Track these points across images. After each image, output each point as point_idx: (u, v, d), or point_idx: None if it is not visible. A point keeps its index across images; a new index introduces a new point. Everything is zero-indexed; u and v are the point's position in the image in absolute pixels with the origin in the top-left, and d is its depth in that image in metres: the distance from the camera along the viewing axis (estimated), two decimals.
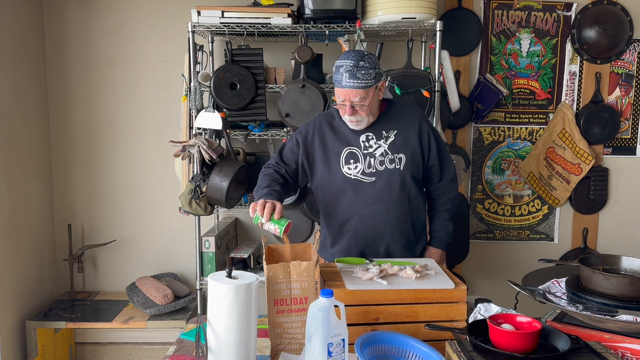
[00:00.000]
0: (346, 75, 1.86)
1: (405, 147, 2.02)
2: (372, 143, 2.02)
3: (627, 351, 1.38)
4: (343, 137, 2.03)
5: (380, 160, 2.01)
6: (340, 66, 1.88)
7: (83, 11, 3.02)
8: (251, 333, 1.39)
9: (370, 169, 2.01)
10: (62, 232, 3.14)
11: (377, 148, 2.01)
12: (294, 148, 2.07)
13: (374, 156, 2.01)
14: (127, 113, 3.09)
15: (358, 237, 2.04)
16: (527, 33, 3.09)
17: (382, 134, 2.02)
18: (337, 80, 1.90)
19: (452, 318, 1.50)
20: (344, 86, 1.87)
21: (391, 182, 2.01)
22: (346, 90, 1.88)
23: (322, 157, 2.04)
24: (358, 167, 2.00)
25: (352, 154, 2.01)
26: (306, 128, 2.09)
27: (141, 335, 3.16)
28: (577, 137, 3.09)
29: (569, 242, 3.25)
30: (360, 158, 2.01)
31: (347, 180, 2.01)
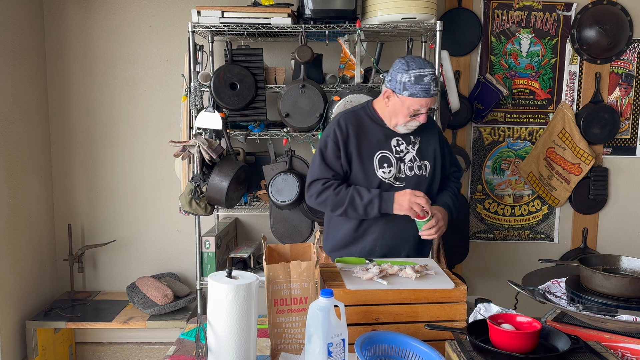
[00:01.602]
0: (433, 84, 1.88)
1: (428, 154, 2.07)
2: (403, 148, 2.04)
3: (627, 351, 1.39)
4: (375, 140, 2.03)
5: (410, 166, 2.03)
6: (423, 75, 1.87)
7: (83, 11, 3.02)
8: (251, 333, 1.39)
9: (401, 174, 2.02)
10: (62, 232, 3.14)
11: (406, 153, 2.03)
12: (336, 152, 2.02)
13: (404, 161, 2.03)
14: (127, 113, 3.09)
15: (384, 239, 2.04)
16: (527, 33, 3.09)
17: (410, 138, 2.05)
18: (421, 90, 1.87)
19: (452, 318, 1.50)
20: (431, 95, 1.89)
21: (418, 188, 2.02)
22: (431, 98, 1.89)
23: (358, 158, 2.02)
24: (392, 171, 2.01)
25: (385, 157, 2.02)
26: (337, 131, 2.03)
27: (141, 335, 3.16)
28: (577, 137, 3.09)
29: (569, 242, 3.25)
30: (393, 162, 2.02)
31: (381, 184, 2.01)
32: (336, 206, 2.00)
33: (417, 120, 1.96)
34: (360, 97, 2.49)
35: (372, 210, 1.96)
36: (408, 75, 1.88)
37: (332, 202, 2.00)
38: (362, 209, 1.97)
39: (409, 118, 1.95)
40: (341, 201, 1.98)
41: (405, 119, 1.96)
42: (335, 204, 2.00)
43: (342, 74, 2.68)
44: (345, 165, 2.03)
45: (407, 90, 1.89)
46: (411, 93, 1.89)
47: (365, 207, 1.96)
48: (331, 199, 2.00)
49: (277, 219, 2.75)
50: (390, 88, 1.95)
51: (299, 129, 2.61)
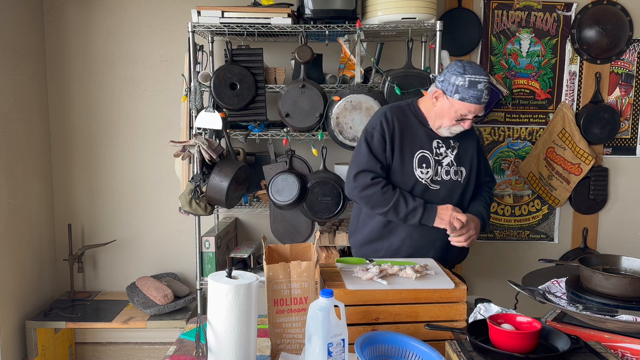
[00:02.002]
0: (486, 92, 1.88)
1: (465, 160, 2.07)
2: (442, 151, 2.03)
3: (627, 351, 1.39)
4: (417, 139, 2.02)
5: (447, 170, 2.03)
6: (478, 82, 1.86)
7: (83, 11, 3.02)
8: (251, 333, 1.39)
9: (437, 177, 2.02)
10: (62, 232, 3.14)
11: (445, 157, 2.03)
12: (382, 144, 2.01)
13: (442, 164, 2.03)
14: (127, 113, 3.09)
15: (412, 239, 2.04)
16: (527, 33, 3.09)
17: (450, 142, 2.05)
18: (472, 96, 1.87)
19: (452, 318, 1.50)
20: (482, 102, 1.89)
21: (452, 193, 2.03)
22: (480, 106, 1.89)
23: (399, 154, 2.01)
24: (429, 173, 2.01)
25: (424, 157, 2.01)
26: (386, 122, 2.01)
27: (141, 335, 3.16)
28: (577, 137, 3.09)
29: (569, 242, 3.25)
30: (432, 164, 2.01)
31: (418, 184, 2.01)
32: (378, 205, 1.99)
33: (462, 125, 1.95)
34: (360, 97, 2.49)
35: (413, 219, 1.97)
36: (463, 79, 1.87)
37: (376, 200, 1.98)
38: (403, 214, 1.97)
39: (454, 122, 1.94)
40: (386, 202, 1.97)
41: (451, 122, 1.95)
42: (378, 203, 1.99)
43: (342, 74, 2.68)
44: (389, 159, 2.01)
45: (458, 94, 1.88)
46: (462, 97, 1.88)
47: (407, 215, 1.96)
48: (376, 197, 1.98)
49: (277, 219, 2.75)
50: (441, 89, 1.93)
51: (299, 129, 2.61)
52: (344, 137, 2.54)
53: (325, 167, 2.64)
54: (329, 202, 2.57)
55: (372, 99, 2.49)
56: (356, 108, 2.50)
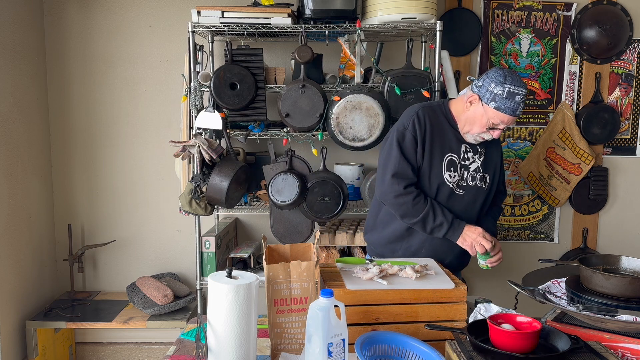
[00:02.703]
0: (522, 105, 1.86)
1: (490, 167, 2.06)
2: (469, 156, 2.02)
3: (627, 351, 1.39)
4: (447, 141, 2.00)
5: (472, 176, 2.02)
6: (517, 94, 1.84)
7: (83, 11, 3.02)
8: (251, 333, 1.39)
9: (463, 182, 2.01)
10: (62, 232, 3.14)
11: (472, 162, 2.02)
12: (413, 146, 1.98)
13: (468, 170, 2.02)
14: (127, 113, 3.09)
15: (432, 243, 2.02)
16: (527, 33, 3.09)
17: (477, 148, 2.03)
18: (509, 107, 1.84)
19: (452, 318, 1.50)
20: (517, 114, 1.87)
21: (476, 199, 2.03)
22: (514, 118, 1.88)
23: (429, 156, 1.99)
24: (456, 177, 1.99)
25: (452, 161, 1.99)
26: (418, 122, 1.98)
27: (141, 335, 3.16)
28: (577, 137, 3.09)
29: (569, 242, 3.25)
30: (458, 168, 2.00)
31: (444, 187, 1.99)
32: (408, 215, 1.97)
33: (491, 134, 1.94)
34: (360, 97, 2.49)
35: (438, 233, 1.96)
36: (502, 88, 1.84)
37: (406, 209, 1.97)
38: (430, 228, 1.96)
39: (484, 130, 1.93)
40: (416, 213, 1.95)
41: (481, 129, 1.93)
42: (408, 213, 1.97)
43: (342, 74, 2.68)
44: (420, 160, 1.99)
45: (495, 102, 1.85)
46: (498, 106, 1.85)
47: (433, 228, 1.96)
48: (406, 207, 1.96)
49: (277, 219, 2.75)
50: (478, 94, 1.90)
51: (299, 129, 2.61)
52: (344, 137, 2.54)
53: (325, 167, 2.64)
54: (329, 202, 2.57)
55: (372, 99, 2.49)
56: (356, 108, 2.50)
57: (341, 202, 2.58)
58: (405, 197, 1.95)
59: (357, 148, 2.56)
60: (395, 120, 2.58)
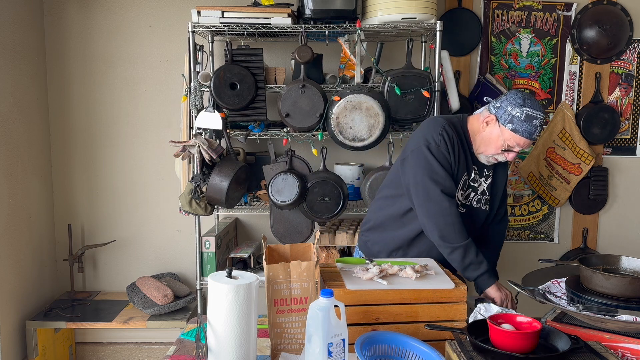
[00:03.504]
0: (539, 129, 1.84)
1: (496, 190, 2.06)
2: (477, 177, 2.00)
3: (627, 351, 1.39)
4: (463, 160, 1.95)
5: (478, 199, 2.01)
6: (535, 118, 1.81)
7: (83, 11, 3.02)
8: (251, 333, 1.39)
9: (467, 202, 1.99)
10: (62, 232, 3.14)
11: (479, 185, 2.01)
12: (449, 160, 1.91)
13: (476, 192, 2.00)
14: (127, 113, 3.09)
15: (429, 255, 1.97)
16: (527, 33, 3.09)
17: (485, 171, 2.02)
18: (526, 130, 1.82)
19: (452, 318, 1.50)
20: (533, 138, 1.85)
21: (475, 221, 2.03)
22: (530, 141, 1.86)
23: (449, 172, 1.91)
24: (463, 195, 1.97)
25: (465, 181, 1.97)
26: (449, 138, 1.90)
27: (141, 335, 3.16)
28: (577, 137, 3.09)
29: (569, 242, 3.25)
30: (466, 188, 1.98)
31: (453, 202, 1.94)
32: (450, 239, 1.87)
33: (506, 156, 1.91)
34: (360, 97, 2.49)
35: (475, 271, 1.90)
36: (520, 111, 1.81)
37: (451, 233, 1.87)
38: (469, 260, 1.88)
39: (499, 151, 1.90)
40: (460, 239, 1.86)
41: (496, 151, 1.90)
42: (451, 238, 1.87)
43: (342, 74, 2.68)
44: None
45: (512, 124, 1.83)
46: (515, 128, 1.83)
47: (471, 263, 1.88)
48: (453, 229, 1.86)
49: (277, 219, 2.75)
50: (495, 115, 1.87)
51: (299, 129, 2.60)
52: (344, 137, 2.54)
53: (325, 167, 2.64)
54: (329, 202, 2.57)
55: (372, 99, 2.49)
56: (356, 108, 2.50)
57: (341, 202, 2.58)
58: (451, 217, 1.86)
59: (357, 148, 2.56)
60: (395, 120, 2.59)
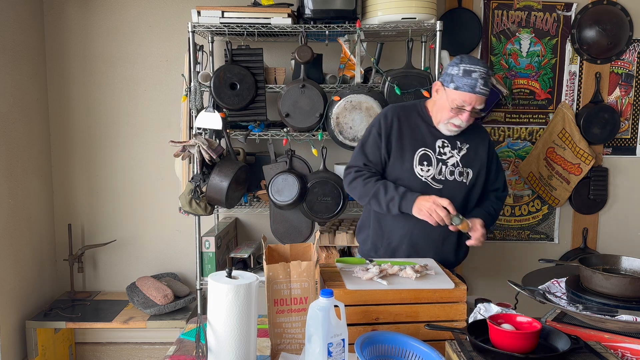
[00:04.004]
0: (481, 82, 1.86)
1: (473, 163, 2.05)
2: (447, 151, 2.02)
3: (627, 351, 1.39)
4: (420, 136, 2.02)
5: (451, 171, 2.02)
6: (473, 71, 1.86)
7: (83, 11, 3.02)
8: (251, 333, 1.39)
9: (440, 176, 2.01)
10: (62, 232, 3.14)
11: (450, 157, 2.02)
12: (377, 142, 2.03)
13: (446, 164, 2.01)
14: (127, 113, 3.09)
15: (411, 238, 2.03)
16: (527, 33, 3.09)
17: (457, 144, 2.03)
18: (466, 84, 1.86)
19: (452, 318, 1.50)
20: (476, 92, 1.86)
21: (455, 194, 2.01)
22: (476, 96, 1.87)
23: (398, 151, 2.02)
24: (430, 171, 2.00)
25: (426, 155, 2.00)
26: (383, 122, 2.04)
27: (141, 335, 3.16)
28: (577, 137, 3.09)
29: (569, 242, 3.25)
30: (434, 162, 2.00)
31: (417, 181, 2.00)
32: (363, 195, 2.02)
33: (460, 118, 1.93)
34: (360, 97, 2.49)
35: (393, 208, 1.96)
36: (458, 69, 1.88)
37: (359, 191, 2.03)
38: (384, 204, 1.97)
39: (452, 114, 1.93)
40: (367, 192, 2.00)
41: (449, 114, 1.94)
42: (361, 194, 2.02)
43: (342, 74, 2.68)
44: (385, 156, 2.03)
45: (453, 83, 1.89)
46: (457, 86, 1.88)
47: (388, 204, 1.96)
48: (359, 188, 2.02)
49: (277, 219, 2.75)
50: (440, 81, 1.96)
51: (299, 129, 2.61)
52: (344, 137, 2.54)
53: (325, 167, 2.64)
54: (329, 202, 2.57)
55: (372, 99, 2.49)
56: (356, 108, 2.50)
57: (341, 202, 2.58)
58: (357, 180, 2.03)
59: None
60: None
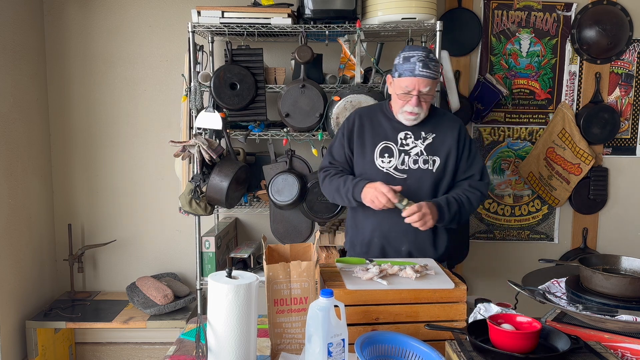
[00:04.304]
0: (419, 64, 1.91)
1: (440, 150, 2.04)
2: (410, 142, 2.04)
3: (627, 351, 1.39)
4: (382, 131, 2.07)
5: (415, 160, 2.03)
6: (411, 56, 1.93)
7: (83, 11, 3.02)
8: (251, 333, 1.39)
9: (403, 166, 2.03)
10: (62, 232, 3.14)
11: (413, 147, 2.04)
12: (341, 142, 2.12)
13: (409, 154, 2.03)
14: (127, 113, 3.09)
15: (381, 231, 2.05)
16: (527, 33, 3.09)
17: (421, 134, 2.05)
18: (407, 69, 1.92)
19: (452, 318, 1.50)
20: (416, 75, 1.91)
21: (422, 182, 2.03)
22: (418, 79, 1.91)
23: (360, 147, 2.08)
24: (392, 162, 2.03)
25: (387, 148, 2.04)
26: (346, 123, 2.14)
27: (141, 335, 3.16)
28: (577, 137, 3.09)
29: (569, 242, 3.25)
30: (395, 153, 2.03)
31: (378, 173, 2.03)
32: (330, 192, 2.11)
33: (410, 104, 1.96)
34: (360, 97, 2.49)
35: (351, 198, 2.01)
36: (399, 58, 1.97)
37: (328, 189, 2.12)
38: (344, 195, 2.03)
39: (403, 102, 1.97)
40: (332, 188, 2.08)
41: (402, 102, 1.98)
42: (329, 191, 2.11)
43: (342, 74, 2.68)
44: (349, 154, 2.10)
45: (397, 72, 1.97)
46: (400, 73, 1.95)
47: (346, 194, 2.02)
48: (327, 186, 2.11)
49: (277, 219, 2.75)
50: (391, 74, 2.02)
51: (299, 129, 2.61)
52: None
53: None
54: (328, 202, 2.57)
55: (372, 99, 2.49)
56: (356, 108, 2.50)
57: None
58: (325, 179, 2.12)
59: None
60: None
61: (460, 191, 2.05)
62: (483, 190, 2.09)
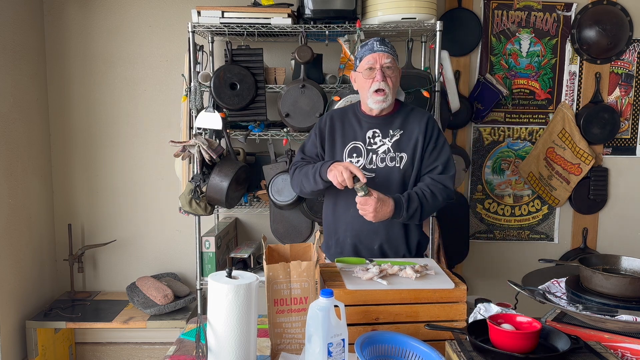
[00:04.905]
0: (376, 43, 1.98)
1: (408, 146, 2.03)
2: (377, 140, 2.05)
3: (627, 351, 1.39)
4: (351, 132, 2.08)
5: (382, 158, 2.03)
6: (367, 41, 2.02)
7: (83, 11, 3.02)
8: (251, 333, 1.39)
9: (371, 165, 2.03)
10: (62, 232, 3.14)
11: (380, 145, 2.04)
12: (314, 142, 2.15)
13: (377, 153, 2.04)
14: (127, 113, 3.09)
15: (353, 230, 2.06)
16: (527, 33, 3.09)
17: (389, 132, 2.05)
18: (366, 50, 1.99)
19: (452, 318, 1.50)
20: (375, 50, 1.97)
21: (390, 179, 2.02)
22: (378, 53, 1.97)
23: (330, 149, 2.10)
24: (360, 161, 2.04)
25: (356, 148, 2.05)
26: (319, 123, 2.16)
27: (141, 335, 3.16)
28: (577, 137, 3.09)
29: (569, 242, 3.25)
30: (363, 153, 2.04)
31: None
32: (297, 181, 2.11)
33: (376, 82, 1.96)
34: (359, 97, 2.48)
35: (317, 177, 2.01)
36: (357, 51, 2.06)
37: (296, 178, 2.12)
38: (312, 177, 2.03)
39: (368, 84, 1.98)
40: (301, 176, 2.09)
41: (367, 86, 1.99)
42: (297, 180, 2.11)
43: (342, 74, 2.68)
44: (321, 153, 2.13)
45: (358, 59, 2.03)
46: (360, 58, 2.01)
47: (314, 175, 2.02)
48: (296, 176, 2.12)
49: (277, 219, 2.75)
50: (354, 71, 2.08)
51: (299, 129, 2.61)
52: None
53: None
54: None
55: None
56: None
57: None
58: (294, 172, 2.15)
59: None
60: None
61: (424, 185, 2.01)
62: (446, 183, 2.02)
